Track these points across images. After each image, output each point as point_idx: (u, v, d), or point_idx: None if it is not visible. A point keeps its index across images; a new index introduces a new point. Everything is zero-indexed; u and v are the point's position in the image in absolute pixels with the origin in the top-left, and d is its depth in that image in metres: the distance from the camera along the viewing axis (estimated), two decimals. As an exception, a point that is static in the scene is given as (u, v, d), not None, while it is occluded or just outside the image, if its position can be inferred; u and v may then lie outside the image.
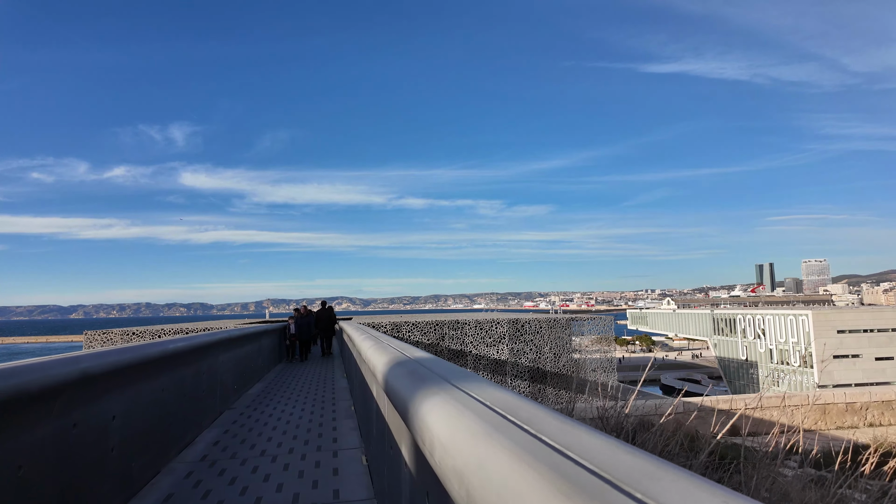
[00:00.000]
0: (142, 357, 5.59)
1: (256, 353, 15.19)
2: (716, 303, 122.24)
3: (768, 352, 67.13)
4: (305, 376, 15.97)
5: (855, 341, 60.51)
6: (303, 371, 17.63)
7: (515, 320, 46.82)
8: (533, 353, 46.61)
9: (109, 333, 31.06)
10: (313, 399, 11.47)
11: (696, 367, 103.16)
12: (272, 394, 12.50)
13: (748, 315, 71.34)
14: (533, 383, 46.12)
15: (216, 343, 9.60)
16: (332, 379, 15.25)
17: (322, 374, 16.44)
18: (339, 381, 14.58)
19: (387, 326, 39.17)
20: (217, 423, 9.11)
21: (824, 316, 62.04)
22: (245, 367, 12.87)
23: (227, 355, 10.63)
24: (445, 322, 42.68)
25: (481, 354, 44.07)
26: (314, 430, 8.43)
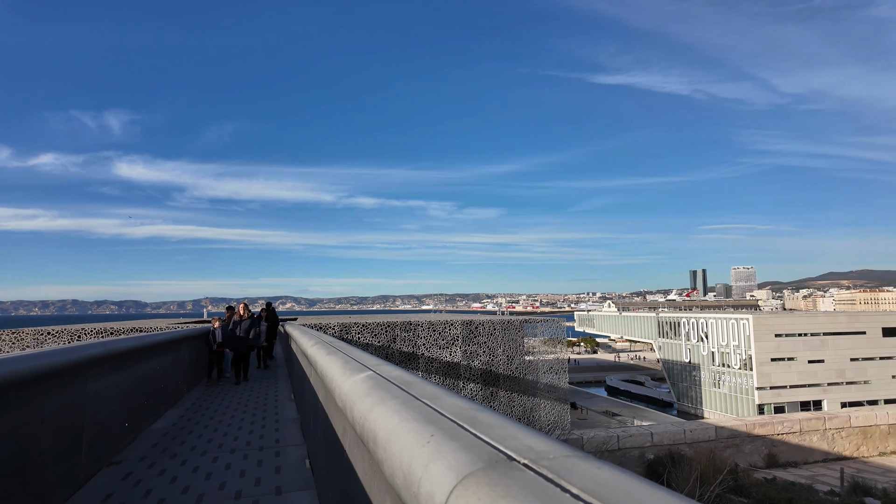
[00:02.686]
0: None
1: (168, 370, 10.99)
2: (653, 306, 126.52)
3: (710, 354, 69.37)
4: (236, 400, 11.98)
5: (791, 345, 63.42)
6: (232, 394, 13.06)
7: (469, 322, 45.70)
8: (486, 355, 45.66)
9: (20, 333, 27.41)
10: (246, 443, 7.82)
11: (639, 369, 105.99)
12: (189, 430, 8.91)
13: (692, 319, 73.55)
14: (486, 386, 45.13)
15: (84, 363, 5.60)
16: (273, 404, 11.41)
17: (261, 397, 12.47)
18: (284, 407, 10.88)
19: (335, 328, 37.02)
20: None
21: (764, 320, 64.68)
22: (146, 391, 9.09)
23: (110, 379, 6.86)
24: (397, 323, 40.97)
25: (434, 357, 42.65)
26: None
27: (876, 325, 66.25)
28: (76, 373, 5.46)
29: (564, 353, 52.41)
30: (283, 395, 13.08)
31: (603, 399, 79.67)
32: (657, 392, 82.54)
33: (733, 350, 65.52)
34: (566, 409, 51.53)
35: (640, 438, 9.37)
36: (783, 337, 63.25)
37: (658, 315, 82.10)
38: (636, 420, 60.32)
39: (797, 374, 62.96)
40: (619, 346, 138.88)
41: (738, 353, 64.86)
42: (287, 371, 16.78)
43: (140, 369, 8.62)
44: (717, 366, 68.28)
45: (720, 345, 68.03)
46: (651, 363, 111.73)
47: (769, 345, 62.85)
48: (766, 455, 7.54)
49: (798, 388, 62.97)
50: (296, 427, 8.92)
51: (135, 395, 8.25)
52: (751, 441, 8.43)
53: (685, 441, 9.24)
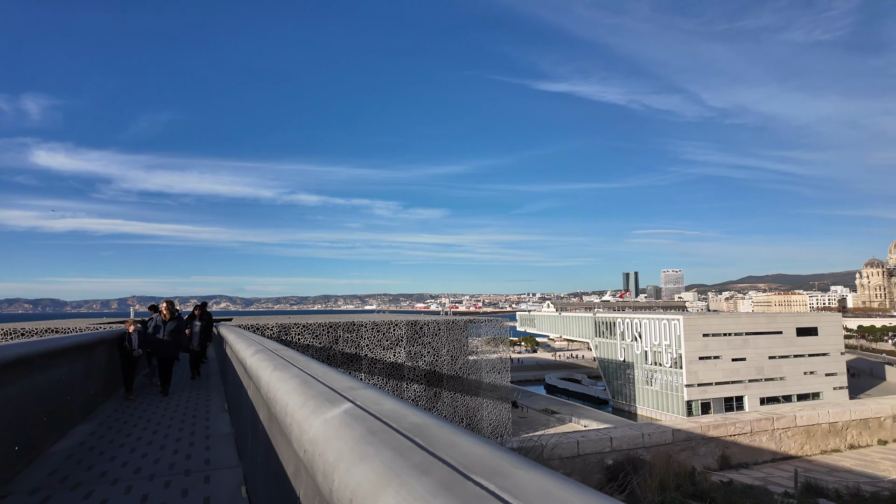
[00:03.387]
0: None
1: (78, 379, 9.39)
2: (589, 306, 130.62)
3: (644, 353, 72.32)
4: (160, 413, 10.20)
5: (717, 344, 67.18)
6: (155, 406, 10.98)
7: (414, 322, 45.07)
8: (430, 355, 45.17)
9: None
10: (169, 466, 6.58)
11: (576, 367, 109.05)
12: (100, 450, 7.48)
13: (626, 319, 76.42)
14: (429, 387, 44.64)
15: None
16: (204, 415, 9.90)
17: (189, 409, 10.71)
18: (216, 419, 9.45)
19: (273, 329, 35.29)
20: None
21: (693, 321, 68.16)
22: (47, 405, 7.60)
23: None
24: (340, 324, 39.70)
25: (377, 358, 41.68)
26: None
27: (791, 326, 71.42)
28: None
29: (507, 353, 52.90)
30: (216, 404, 11.46)
31: (542, 397, 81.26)
32: (593, 390, 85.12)
33: (665, 349, 68.61)
34: (507, 409, 51.98)
35: (599, 444, 9.16)
36: (710, 336, 66.92)
37: (595, 315, 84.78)
38: (574, 418, 61.81)
39: (722, 371, 66.78)
40: (557, 345, 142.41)
41: (669, 352, 67.97)
42: (220, 378, 14.90)
43: (38, 379, 7.15)
44: (649, 364, 71.28)
45: (653, 344, 71.04)
46: (588, 362, 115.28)
47: (697, 344, 66.28)
48: (719, 457, 7.65)
49: (722, 385, 66.80)
50: (229, 444, 7.71)
51: (30, 410, 6.77)
52: (705, 443, 8.54)
53: (643, 445, 9.16)
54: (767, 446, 8.57)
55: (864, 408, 12.83)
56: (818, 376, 71.12)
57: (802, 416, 11.18)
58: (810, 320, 74.83)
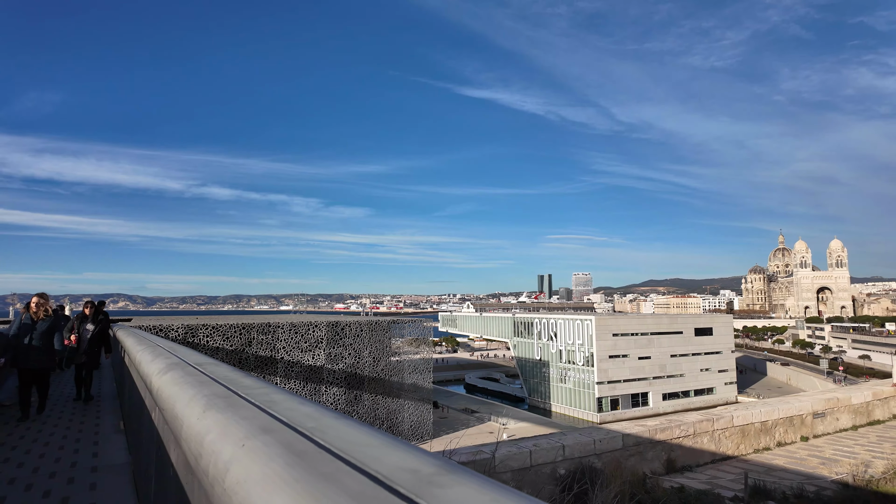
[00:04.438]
0: None
1: None
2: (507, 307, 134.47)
3: (559, 352, 75.12)
4: (26, 444, 7.58)
5: (625, 343, 71.21)
6: (18, 437, 8.12)
7: (335, 323, 43.61)
8: (352, 357, 43.92)
9: None
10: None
11: (495, 367, 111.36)
12: None
13: (543, 319, 79.06)
14: (350, 390, 43.32)
15: None
16: (90, 439, 7.69)
17: (70, 434, 8.12)
18: (107, 443, 7.58)
19: (178, 330, 32.50)
20: None
21: (604, 321, 71.77)
22: None
23: None
24: (253, 325, 37.48)
25: (295, 361, 39.80)
26: None
27: (690, 326, 77.37)
28: None
29: (430, 354, 52.69)
30: (107, 425, 8.98)
31: (462, 396, 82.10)
32: (511, 388, 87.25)
33: (578, 348, 71.69)
34: (429, 410, 51.82)
35: (551, 453, 8.80)
36: (619, 336, 70.83)
37: (514, 316, 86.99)
38: (493, 416, 62.89)
39: (629, 369, 70.90)
40: (477, 345, 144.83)
41: (581, 350, 71.10)
42: (116, 390, 12.12)
43: None
44: (563, 363, 74.17)
45: (567, 343, 74.02)
46: (507, 361, 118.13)
47: (608, 343, 69.88)
48: (665, 460, 7.70)
49: (630, 382, 70.93)
50: (124, 479, 5.83)
51: None
52: (652, 447, 8.55)
53: (595, 452, 8.91)
54: (708, 447, 8.83)
55: (789, 406, 13.70)
56: (712, 373, 77.59)
57: (738, 416, 11.65)
58: (706, 321, 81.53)
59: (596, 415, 68.00)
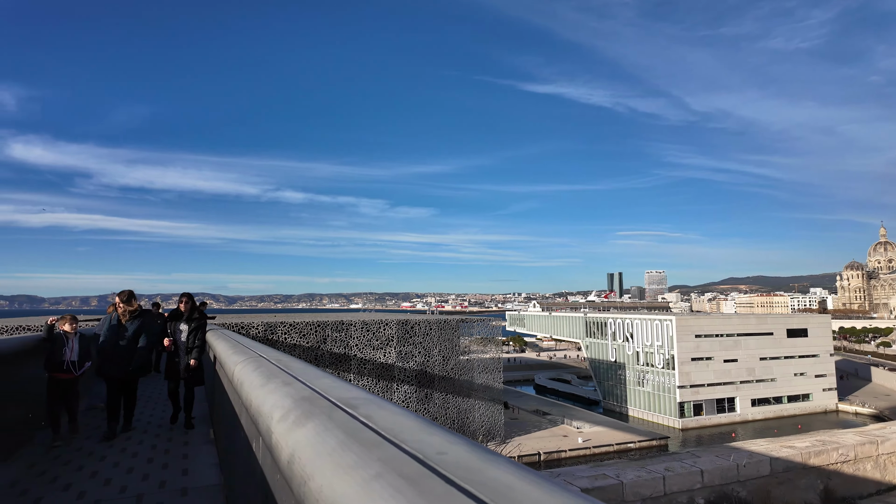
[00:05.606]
0: None
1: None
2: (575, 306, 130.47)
3: (635, 354, 71.61)
4: (107, 468, 6.60)
5: (708, 345, 66.70)
6: (97, 457, 7.16)
7: (405, 321, 43.64)
8: (421, 355, 43.78)
9: None
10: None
11: (565, 368, 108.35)
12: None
13: (618, 319, 75.68)
14: (420, 388, 43.21)
15: None
16: (177, 468, 6.65)
17: (155, 461, 6.94)
18: (198, 464, 6.76)
19: (259, 328, 33.62)
20: None
21: (685, 322, 67.60)
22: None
23: None
24: (328, 323, 38.13)
25: (367, 358, 40.15)
26: None
27: (781, 327, 71.27)
28: None
29: (499, 353, 51.69)
30: (197, 435, 8.29)
31: (532, 398, 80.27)
32: (583, 390, 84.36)
33: (657, 350, 67.96)
34: (500, 411, 50.85)
35: (687, 479, 7.64)
36: (702, 337, 66.41)
37: (586, 316, 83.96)
38: (566, 419, 60.85)
39: (714, 372, 66.32)
40: (545, 345, 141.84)
41: (661, 352, 67.33)
42: (208, 402, 10.25)
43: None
44: (641, 365, 70.59)
45: (644, 345, 70.38)
46: (576, 362, 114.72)
47: (689, 344, 65.71)
48: (822, 490, 6.55)
49: (715, 387, 66.35)
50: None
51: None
52: (805, 474, 7.28)
53: (738, 479, 7.66)
54: (872, 475, 7.44)
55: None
56: (808, 378, 71.08)
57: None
58: (800, 322, 74.83)
59: (678, 420, 64.13)
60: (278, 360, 3.60)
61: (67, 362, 7.88)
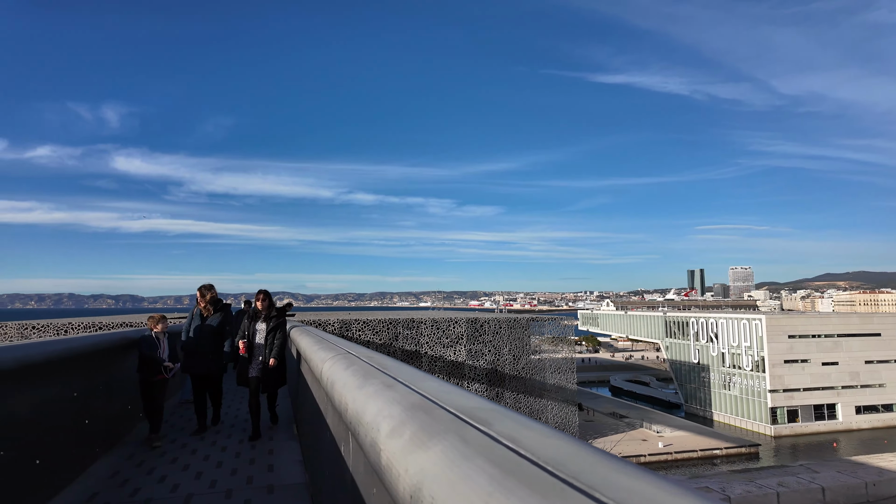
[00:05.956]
0: None
1: (65, 413, 5.75)
2: (652, 305, 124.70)
3: (720, 355, 67.23)
4: (195, 467, 6.55)
5: (804, 346, 61.35)
6: (189, 452, 7.31)
7: (474, 320, 43.55)
8: (491, 354, 43.44)
9: (5, 327, 25.24)
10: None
11: (642, 369, 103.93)
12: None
13: (700, 318, 71.38)
14: (491, 386, 42.88)
15: None
16: (264, 460, 6.87)
17: (242, 455, 7.11)
18: (282, 469, 6.54)
19: (334, 325, 34.72)
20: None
21: (777, 321, 62.56)
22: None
23: None
24: (399, 321, 38.74)
25: (437, 356, 40.40)
26: None
27: (891, 327, 64.15)
28: None
29: (572, 353, 50.32)
30: (281, 432, 8.34)
31: (607, 399, 77.60)
32: (663, 393, 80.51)
33: (745, 351, 63.42)
34: (574, 412, 49.50)
35: (806, 497, 6.85)
36: (796, 338, 61.17)
37: (665, 315, 79.90)
38: (644, 422, 58.27)
39: (810, 376, 60.89)
40: (620, 345, 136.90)
41: (749, 354, 62.76)
42: (290, 397, 10.29)
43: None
44: (727, 367, 66.18)
45: (731, 345, 65.92)
46: (654, 363, 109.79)
47: (782, 346, 60.75)
48: None
49: (812, 391, 60.95)
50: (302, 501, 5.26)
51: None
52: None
53: (868, 498, 6.71)
54: None
55: None
56: (925, 384, 63.55)
57: None
58: (915, 321, 66.99)
59: (769, 427, 59.50)
60: (370, 357, 3.22)
61: (161, 365, 7.76)
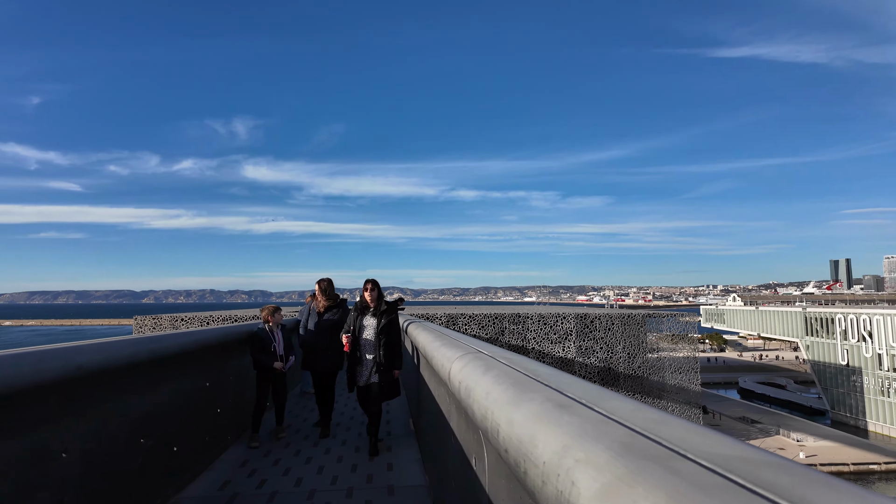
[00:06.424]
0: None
1: (186, 410, 5.64)
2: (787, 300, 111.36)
3: (876, 357, 58.24)
4: (311, 476, 5.89)
5: None
6: (303, 458, 6.60)
7: (584, 315, 41.81)
8: (604, 352, 41.46)
9: (159, 319, 28.76)
10: None
11: (777, 370, 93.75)
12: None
13: (850, 315, 62.34)
14: (604, 386, 40.90)
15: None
16: (384, 457, 6.60)
17: (360, 462, 6.44)
18: (403, 470, 6.12)
19: (442, 318, 35.09)
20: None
21: (954, 318, 52.75)
22: (123, 454, 4.23)
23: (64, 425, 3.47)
24: (505, 315, 38.22)
25: (545, 352, 39.29)
26: None
27: None
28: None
29: (695, 352, 46.56)
30: (397, 425, 8.17)
31: (736, 403, 70.88)
32: (803, 398, 71.84)
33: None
34: (698, 415, 45.61)
35: None
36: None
37: (805, 310, 70.94)
38: (782, 429, 52.35)
39: None
40: (750, 343, 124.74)
41: (915, 356, 53.57)
42: (405, 391, 9.58)
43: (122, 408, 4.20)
44: (885, 370, 57.16)
45: (889, 346, 56.83)
46: (791, 364, 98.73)
47: (961, 348, 51.07)
48: None
49: None
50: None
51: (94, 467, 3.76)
52: None
53: None
54: None
55: None
56: None
57: None
58: None
59: None
60: (508, 359, 2.49)
61: (277, 356, 7.45)
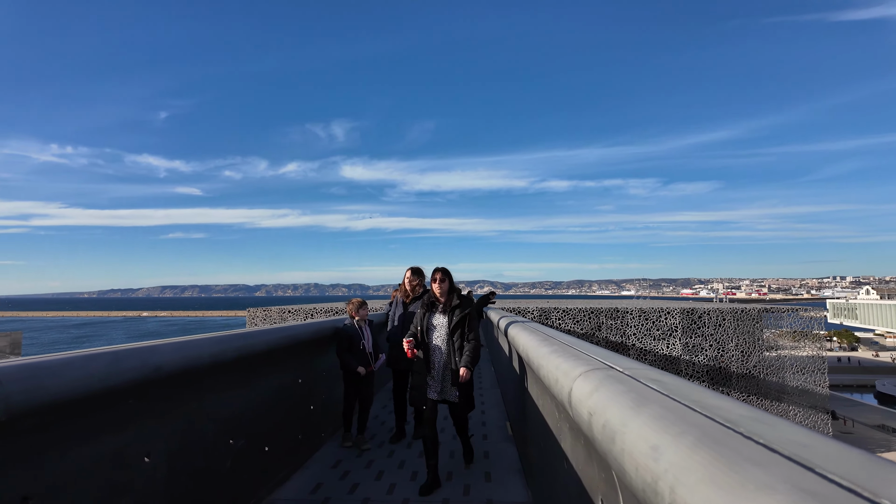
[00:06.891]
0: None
1: (271, 413, 5.02)
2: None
3: None
4: (402, 484, 5.22)
5: None
6: (393, 463, 5.87)
7: (691, 310, 39.03)
8: (713, 349, 38.45)
9: (269, 311, 30.87)
10: None
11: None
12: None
13: None
14: (714, 386, 37.86)
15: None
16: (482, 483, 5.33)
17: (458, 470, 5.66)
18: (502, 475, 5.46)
19: (534, 312, 34.30)
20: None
21: None
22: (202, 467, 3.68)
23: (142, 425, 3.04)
24: (602, 310, 36.57)
25: (647, 349, 37.14)
26: None
27: None
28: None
29: (821, 351, 41.64)
30: (494, 429, 7.25)
31: (872, 409, 62.63)
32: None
33: None
34: (826, 420, 40.83)
35: None
36: None
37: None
38: (934, 443, 45.33)
39: None
40: (889, 342, 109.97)
41: None
42: (501, 391, 9.18)
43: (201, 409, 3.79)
44: None
45: None
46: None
47: None
48: None
49: None
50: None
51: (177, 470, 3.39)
52: None
53: None
54: None
55: None
56: None
57: None
58: None
59: None
60: (660, 382, 1.68)
61: (366, 354, 6.55)
